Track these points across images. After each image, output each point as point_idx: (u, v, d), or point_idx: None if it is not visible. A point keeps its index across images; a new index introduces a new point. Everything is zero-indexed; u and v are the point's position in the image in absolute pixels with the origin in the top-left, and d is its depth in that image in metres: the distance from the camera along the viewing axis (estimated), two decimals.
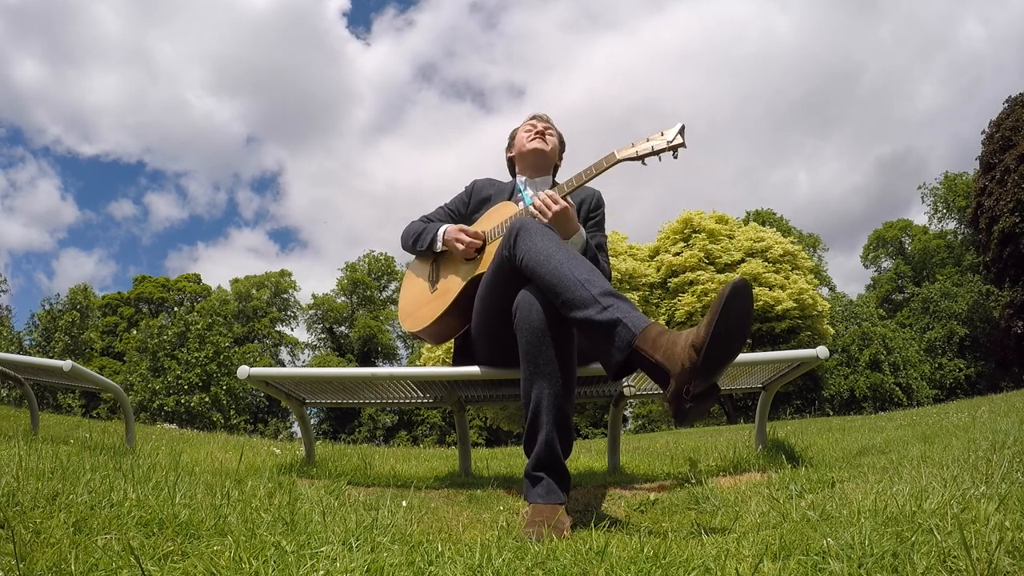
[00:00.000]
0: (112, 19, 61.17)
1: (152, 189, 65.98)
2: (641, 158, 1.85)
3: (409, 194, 66.15)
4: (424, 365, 19.68)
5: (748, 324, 1.35)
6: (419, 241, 2.24)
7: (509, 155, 2.43)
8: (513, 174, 2.43)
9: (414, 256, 2.35)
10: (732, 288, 1.29)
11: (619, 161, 1.87)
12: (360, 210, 71.09)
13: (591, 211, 2.23)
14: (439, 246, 2.17)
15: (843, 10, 68.46)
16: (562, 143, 2.42)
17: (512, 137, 2.42)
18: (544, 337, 1.56)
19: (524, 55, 75.07)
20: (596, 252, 2.06)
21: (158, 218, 64.09)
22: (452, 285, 2.08)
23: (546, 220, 1.85)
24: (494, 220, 2.12)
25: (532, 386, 1.58)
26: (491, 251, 1.99)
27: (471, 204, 2.34)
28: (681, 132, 1.83)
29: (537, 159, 2.30)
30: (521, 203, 2.19)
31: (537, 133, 2.30)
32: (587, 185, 2.02)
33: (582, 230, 1.98)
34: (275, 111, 68.45)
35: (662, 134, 1.85)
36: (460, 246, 2.08)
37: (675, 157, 1.84)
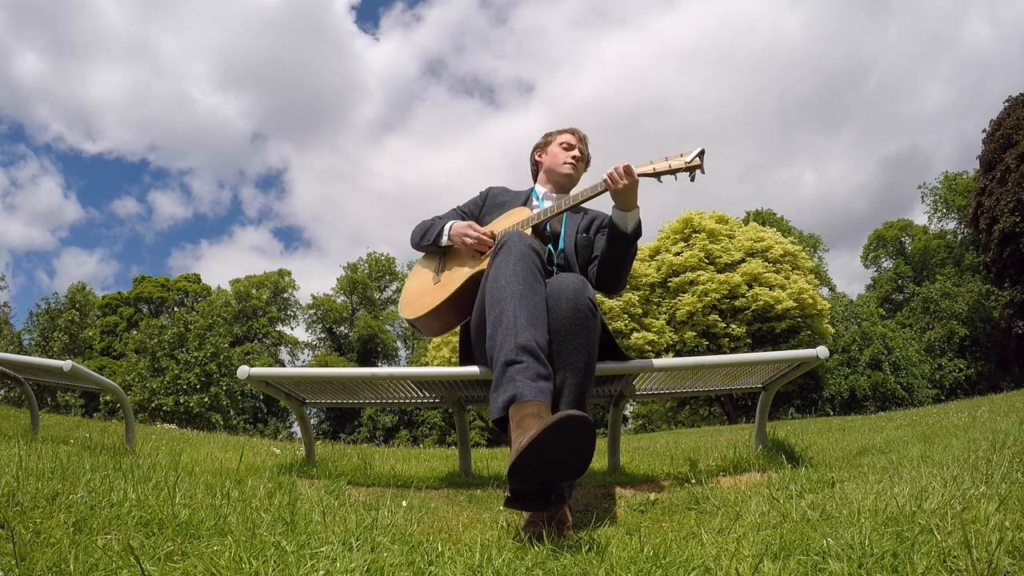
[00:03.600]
0: (115, 12, 60.64)
1: (156, 187, 65.54)
2: (658, 175, 1.90)
3: (416, 192, 65.87)
4: (426, 365, 19.68)
5: (576, 456, 1.26)
6: (426, 236, 2.26)
7: (537, 158, 2.45)
8: (534, 176, 2.47)
9: (422, 253, 2.36)
10: (553, 422, 1.18)
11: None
12: (366, 208, 70.71)
13: (602, 226, 2.25)
14: (444, 240, 2.19)
15: (851, 8, 68.33)
16: (588, 161, 2.46)
17: (546, 144, 2.43)
18: (572, 327, 1.56)
19: (534, 51, 74.63)
20: (641, 229, 2.05)
21: (162, 216, 63.57)
22: (455, 278, 2.10)
23: (617, 188, 1.90)
24: (507, 222, 2.16)
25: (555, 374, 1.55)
26: None
27: (484, 207, 2.38)
28: (700, 155, 1.84)
29: (566, 182, 2.36)
30: (536, 208, 2.26)
31: (574, 158, 2.35)
32: (599, 210, 2.13)
33: (639, 208, 2.00)
34: (281, 107, 67.74)
35: (681, 155, 1.87)
36: (469, 240, 2.09)
37: (692, 180, 1.88)
